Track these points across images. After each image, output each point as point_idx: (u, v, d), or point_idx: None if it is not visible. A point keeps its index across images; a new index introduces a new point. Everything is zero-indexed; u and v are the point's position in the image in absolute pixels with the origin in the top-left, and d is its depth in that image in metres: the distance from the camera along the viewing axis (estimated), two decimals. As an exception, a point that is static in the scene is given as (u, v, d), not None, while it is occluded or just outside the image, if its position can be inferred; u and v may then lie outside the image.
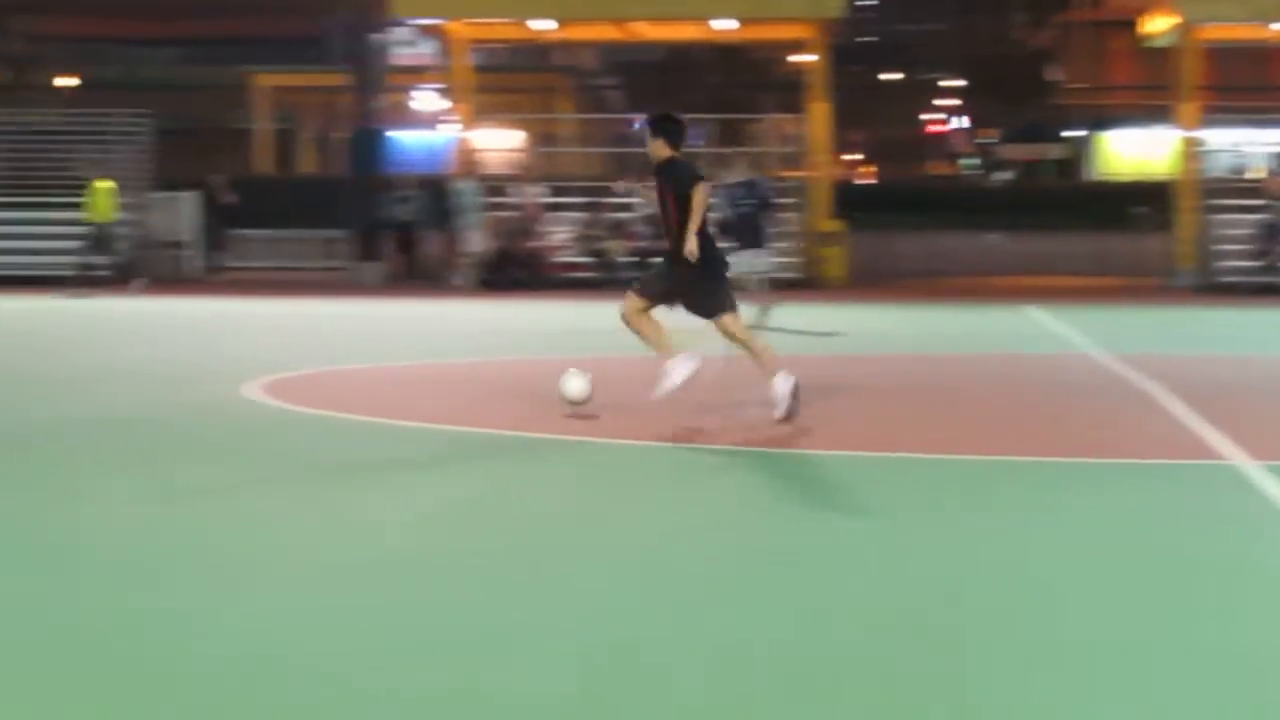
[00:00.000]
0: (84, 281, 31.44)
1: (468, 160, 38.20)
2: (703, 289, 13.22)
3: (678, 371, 13.23)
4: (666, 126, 13.42)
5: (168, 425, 13.32)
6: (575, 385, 13.55)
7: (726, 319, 13.30)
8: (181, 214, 38.31)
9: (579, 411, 13.31)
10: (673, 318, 13.58)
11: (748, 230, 21.10)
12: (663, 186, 13.26)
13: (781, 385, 13.04)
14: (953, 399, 15.78)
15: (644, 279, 13.83)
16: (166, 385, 16.03)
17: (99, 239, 32.46)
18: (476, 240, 34.83)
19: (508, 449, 12.08)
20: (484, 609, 7.40)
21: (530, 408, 14.15)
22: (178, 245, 38.16)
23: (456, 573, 8.16)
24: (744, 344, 13.50)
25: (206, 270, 37.90)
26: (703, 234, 13.02)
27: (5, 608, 7.45)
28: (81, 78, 59.83)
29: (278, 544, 8.84)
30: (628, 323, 13.46)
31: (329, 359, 15.20)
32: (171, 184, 38.33)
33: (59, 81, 60.00)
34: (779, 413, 13.00)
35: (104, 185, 32.61)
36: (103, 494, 10.19)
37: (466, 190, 35.13)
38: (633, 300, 13.40)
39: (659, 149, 13.35)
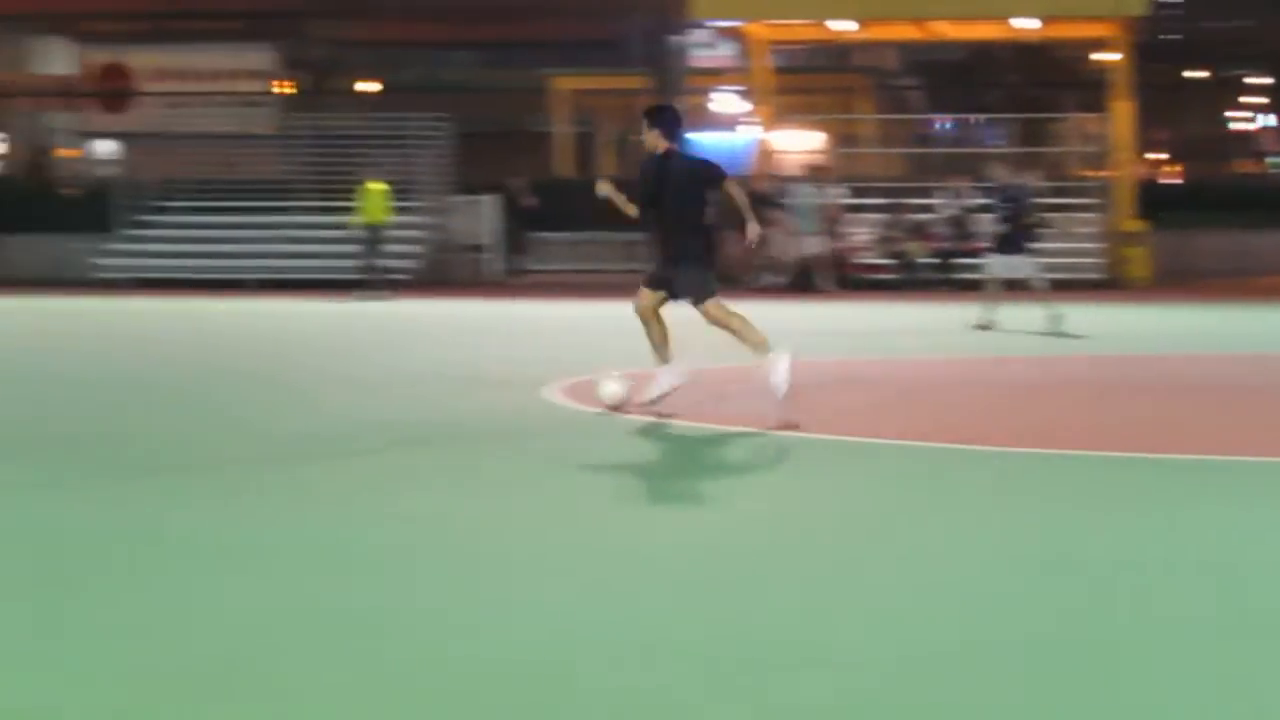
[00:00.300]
0: (379, 284, 31.85)
1: (768, 162, 38.00)
2: (690, 275, 13.40)
3: (667, 380, 13.66)
4: (664, 118, 13.53)
5: (472, 427, 13.34)
6: (610, 389, 13.73)
7: (710, 305, 13.43)
8: (482, 217, 38.65)
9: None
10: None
11: (1008, 235, 20.90)
12: (659, 177, 13.32)
13: (780, 364, 13.03)
14: (1257, 399, 15.25)
15: (649, 273, 13.89)
16: (475, 387, 16.10)
17: (372, 241, 32.72)
18: (813, 244, 34.42)
19: (829, 452, 11.88)
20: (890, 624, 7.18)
21: (818, 410, 13.89)
22: (478, 249, 38.52)
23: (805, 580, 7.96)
24: (730, 328, 13.50)
25: (507, 274, 38.20)
26: (701, 223, 13.33)
27: (339, 607, 7.42)
28: (382, 82, 60.83)
29: (595, 552, 8.72)
30: (641, 317, 13.71)
31: (630, 361, 15.11)
32: (471, 187, 38.69)
33: (360, 86, 61.08)
34: (779, 394, 12.95)
35: (376, 187, 32.87)
36: (420, 493, 10.20)
37: (804, 192, 34.78)
38: (645, 295, 13.67)
39: (655, 140, 13.41)
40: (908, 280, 32.72)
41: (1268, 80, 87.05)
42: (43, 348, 21.87)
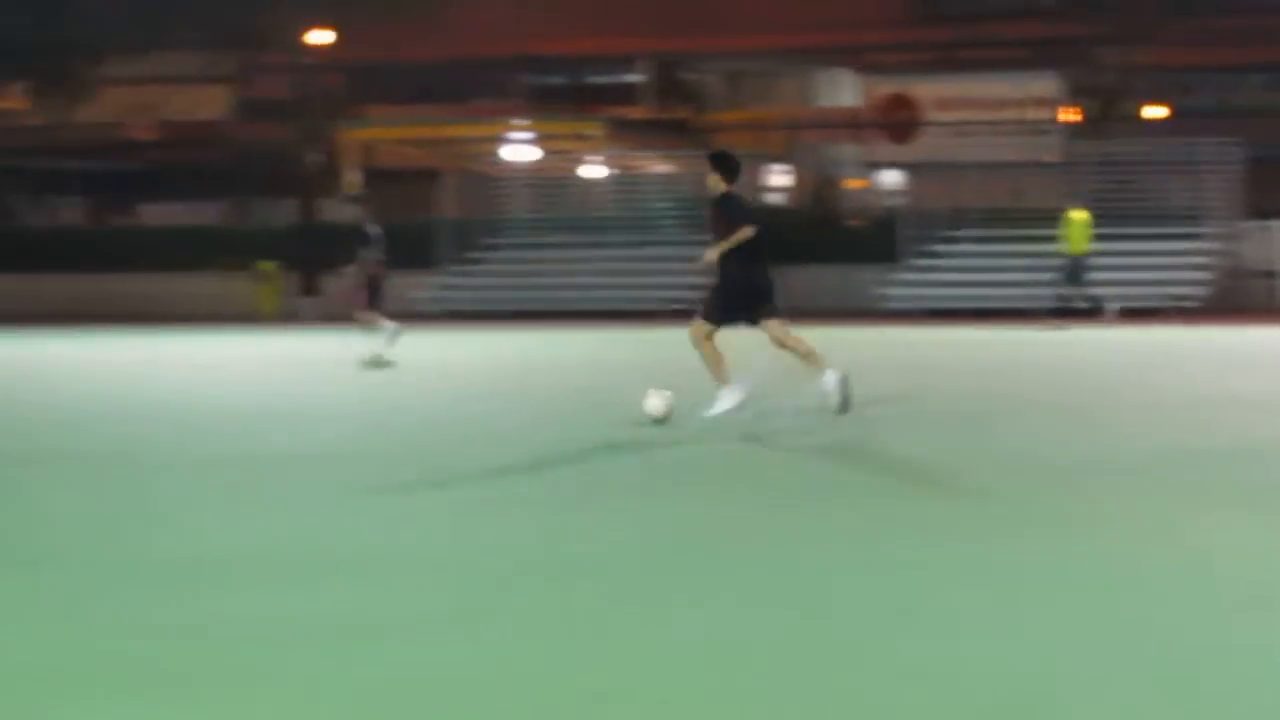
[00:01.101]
0: (1063, 314, 31.14)
1: None
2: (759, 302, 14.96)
3: (730, 398, 14.84)
4: (724, 164, 14.98)
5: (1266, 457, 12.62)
6: (654, 403, 14.85)
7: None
8: (1274, 243, 37.14)
9: None
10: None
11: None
12: (719, 216, 14.90)
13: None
14: None
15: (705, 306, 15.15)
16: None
17: (1073, 270, 31.89)
18: None
19: None
20: None
21: None
22: (1270, 275, 37.01)
23: None
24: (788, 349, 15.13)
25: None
26: (745, 260, 14.70)
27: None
28: (1170, 107, 59.42)
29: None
30: (695, 346, 15.01)
31: None
32: (1263, 212, 37.27)
33: (1147, 112, 59.83)
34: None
35: (1079, 216, 32.05)
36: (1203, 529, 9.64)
37: None
38: (698, 326, 14.98)
39: (716, 184, 14.94)
40: None
41: None
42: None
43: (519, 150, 48.66)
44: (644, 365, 21.57)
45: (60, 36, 42.86)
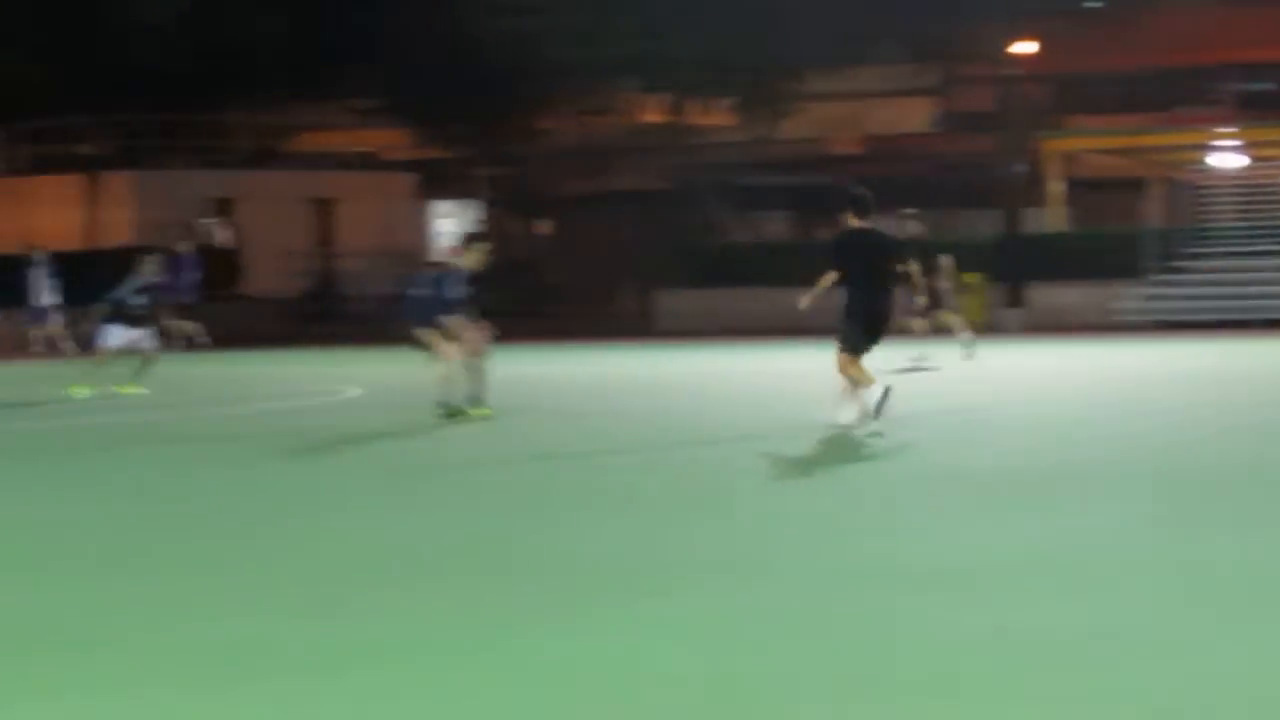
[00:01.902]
0: None
1: None
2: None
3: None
4: (855, 201, 16.64)
5: None
6: (845, 414, 16.28)
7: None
8: None
9: None
10: None
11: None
12: (854, 251, 16.54)
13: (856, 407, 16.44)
14: None
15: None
16: None
17: None
18: None
19: None
20: None
21: None
22: None
23: None
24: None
25: None
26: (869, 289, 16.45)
27: None
28: None
29: None
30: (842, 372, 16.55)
31: None
32: None
33: None
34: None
35: None
36: None
37: None
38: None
39: (849, 219, 16.67)
40: None
41: None
42: None
43: (1225, 158, 47.42)
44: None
45: (764, 54, 44.06)
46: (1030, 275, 39.07)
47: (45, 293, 37.21)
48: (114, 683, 7.33)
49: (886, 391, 16.28)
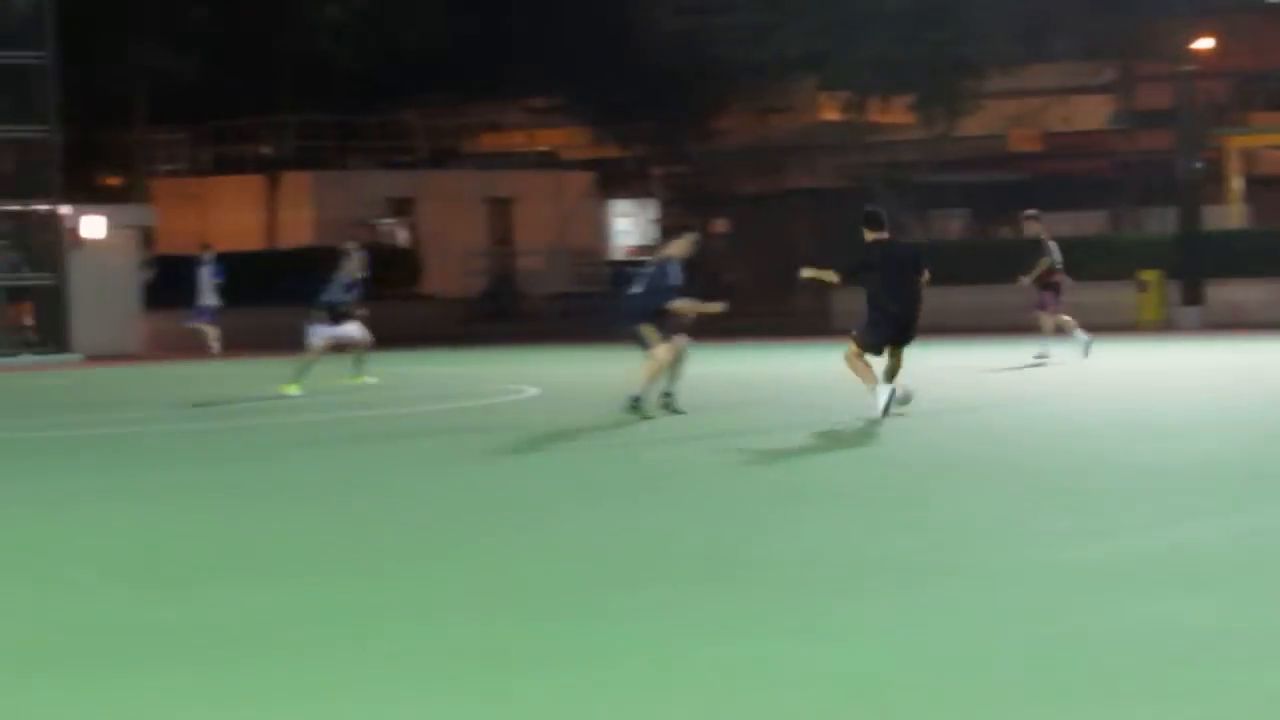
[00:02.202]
0: None
1: None
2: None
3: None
4: (869, 217, 18.93)
5: None
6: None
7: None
8: None
9: None
10: None
11: None
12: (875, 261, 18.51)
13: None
14: None
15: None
16: None
17: None
18: None
19: None
20: None
21: None
22: None
23: None
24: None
25: None
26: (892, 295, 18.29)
27: None
28: None
29: None
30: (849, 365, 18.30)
31: None
32: None
33: None
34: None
35: None
36: None
37: None
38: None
39: (868, 234, 18.72)
40: None
41: None
42: None
43: None
44: None
45: (942, 52, 43.92)
46: (1209, 272, 38.61)
47: (209, 292, 37.88)
48: (320, 688, 7.59)
49: (893, 393, 17.89)
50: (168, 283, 43.36)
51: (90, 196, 48.36)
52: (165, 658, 8.01)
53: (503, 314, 51.65)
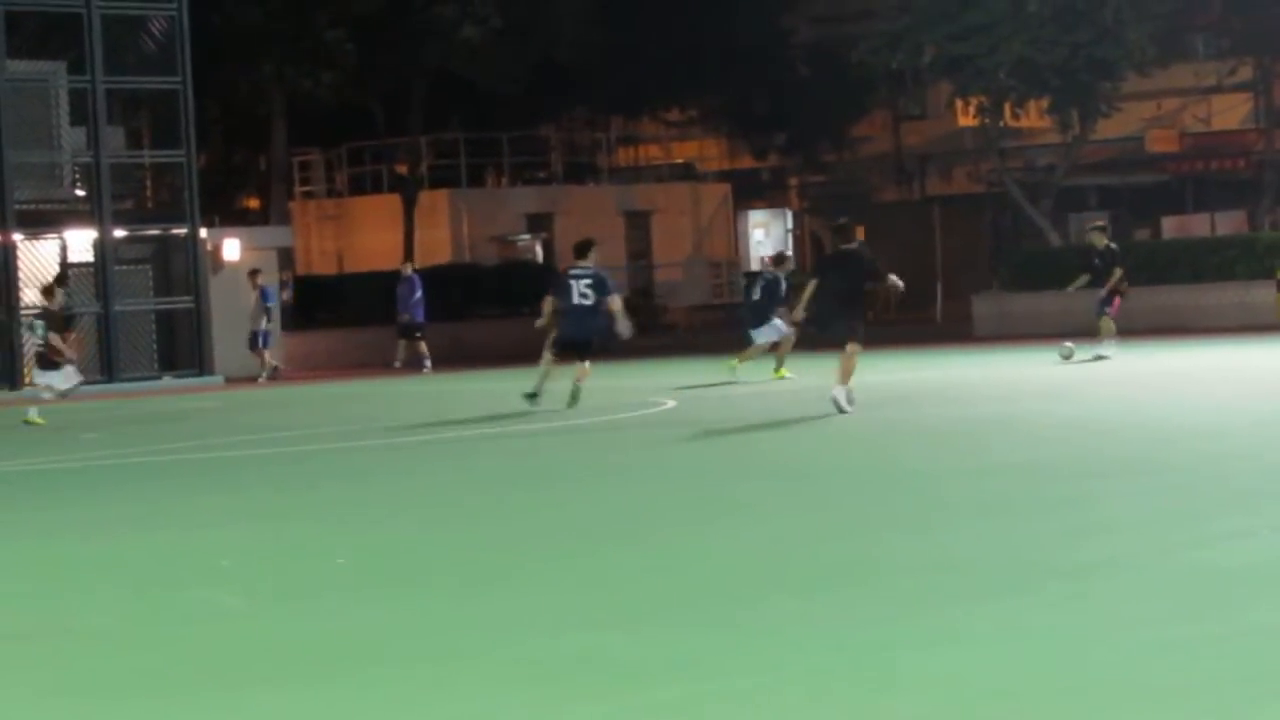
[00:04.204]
0: None
1: None
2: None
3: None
4: (838, 230, 22.29)
5: None
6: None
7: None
8: None
9: None
10: None
11: None
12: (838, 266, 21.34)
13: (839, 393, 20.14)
14: None
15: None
16: None
17: None
18: None
19: None
20: None
21: None
22: None
23: None
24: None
25: None
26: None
27: None
28: None
29: None
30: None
31: None
32: None
33: None
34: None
35: None
36: None
37: None
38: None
39: (838, 244, 21.95)
40: None
41: None
42: None
43: None
44: None
45: (1079, 55, 43.52)
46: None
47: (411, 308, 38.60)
48: (466, 694, 7.62)
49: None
50: (308, 303, 43.80)
51: (230, 219, 48.96)
52: (293, 674, 8.06)
53: (642, 327, 51.73)
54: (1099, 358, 28.15)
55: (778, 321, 27.40)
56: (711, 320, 53.88)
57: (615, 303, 22.99)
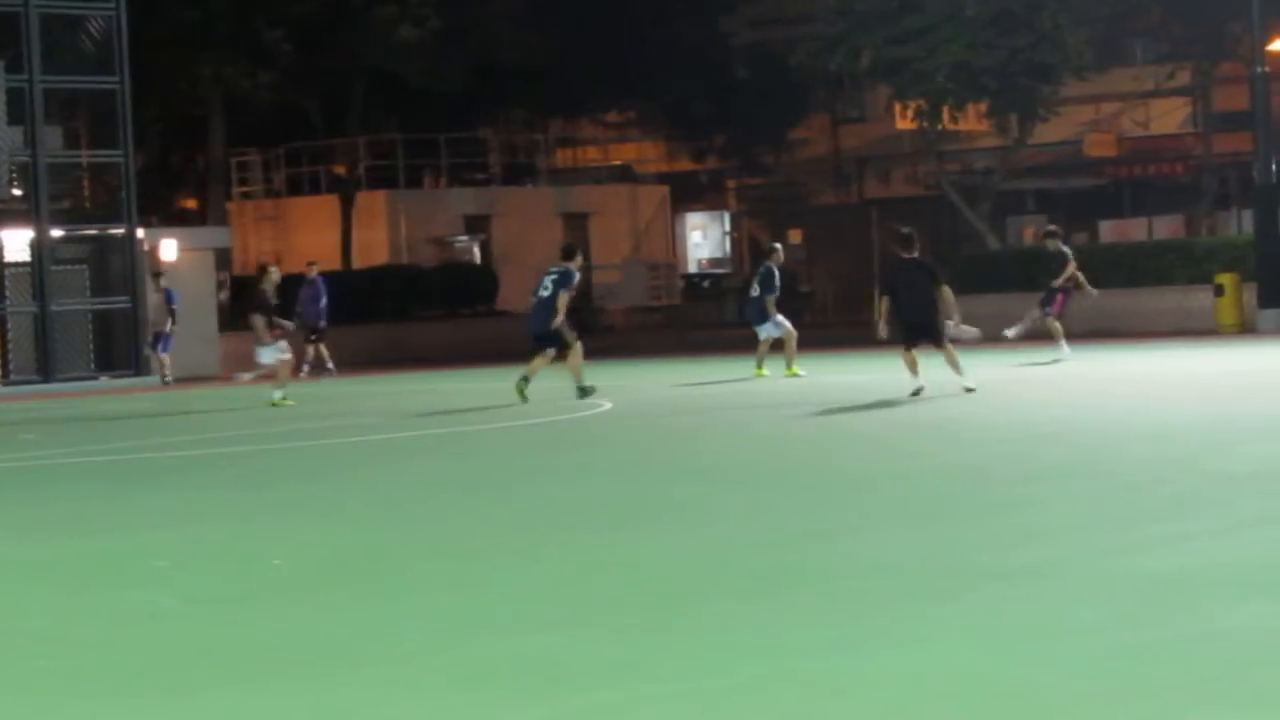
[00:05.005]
0: None
1: None
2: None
3: None
4: (902, 240, 22.94)
5: None
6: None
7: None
8: None
9: None
10: None
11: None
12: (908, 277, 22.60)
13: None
14: None
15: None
16: None
17: None
18: None
19: None
20: None
21: None
22: None
23: None
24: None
25: None
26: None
27: None
28: None
29: None
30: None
31: None
32: None
33: None
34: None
35: None
36: None
37: None
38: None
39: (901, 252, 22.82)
40: None
41: None
42: None
43: None
44: None
45: (1017, 59, 43.69)
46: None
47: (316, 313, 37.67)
48: (406, 697, 7.59)
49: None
50: (244, 304, 43.37)
51: (168, 219, 48.69)
52: (231, 676, 8.03)
53: (579, 329, 51.64)
54: (1056, 360, 28.44)
55: (779, 318, 27.98)
56: (649, 322, 53.89)
57: (562, 299, 24.66)
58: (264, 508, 14.72)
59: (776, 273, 28.50)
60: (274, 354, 26.49)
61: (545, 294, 24.93)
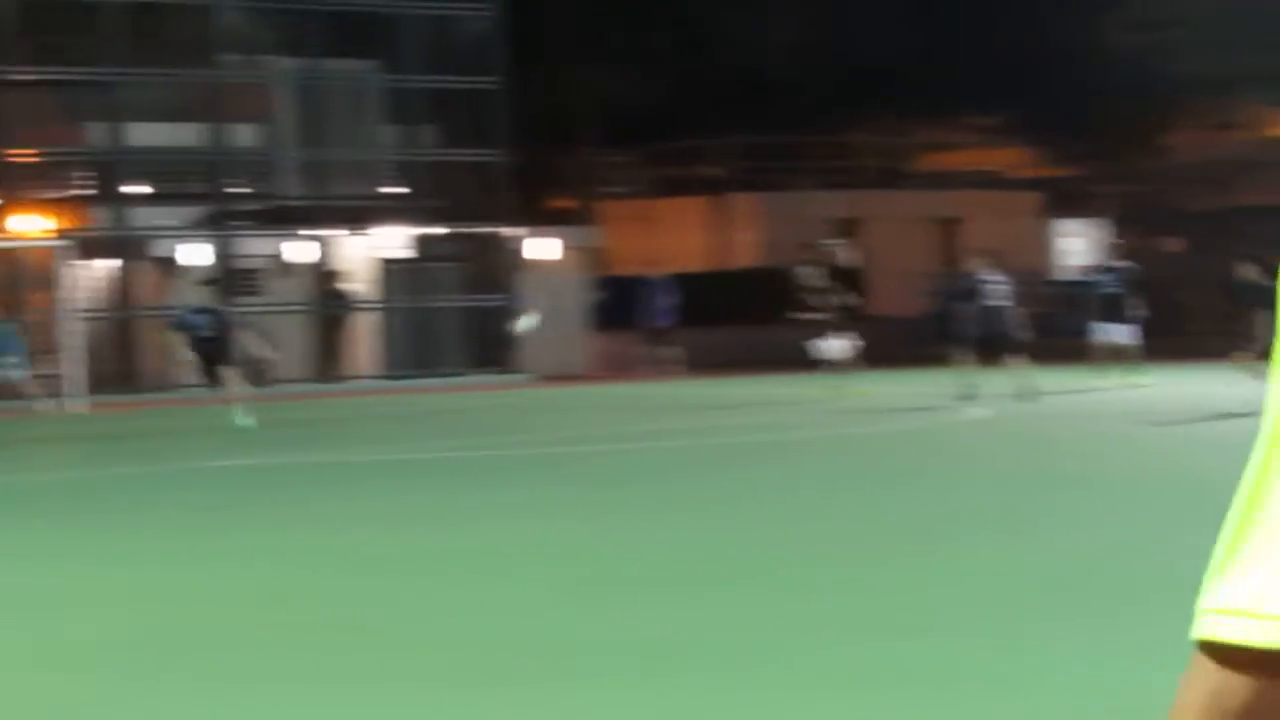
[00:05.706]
0: None
1: None
2: None
3: None
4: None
5: None
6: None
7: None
8: None
9: None
10: None
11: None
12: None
13: None
14: None
15: None
16: None
17: None
18: None
19: None
20: None
21: None
22: None
23: None
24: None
25: None
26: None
27: None
28: None
29: None
30: None
31: None
32: None
33: None
34: None
35: None
36: None
37: None
38: None
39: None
40: None
41: None
42: None
43: None
44: None
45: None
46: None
47: (659, 314, 38.25)
48: (777, 701, 7.55)
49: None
50: (618, 304, 43.94)
51: (541, 219, 49.47)
52: (592, 672, 8.05)
53: (948, 335, 51.08)
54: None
55: (1128, 326, 27.98)
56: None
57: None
58: (629, 505, 14.78)
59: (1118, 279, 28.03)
60: (839, 349, 26.67)
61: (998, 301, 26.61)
